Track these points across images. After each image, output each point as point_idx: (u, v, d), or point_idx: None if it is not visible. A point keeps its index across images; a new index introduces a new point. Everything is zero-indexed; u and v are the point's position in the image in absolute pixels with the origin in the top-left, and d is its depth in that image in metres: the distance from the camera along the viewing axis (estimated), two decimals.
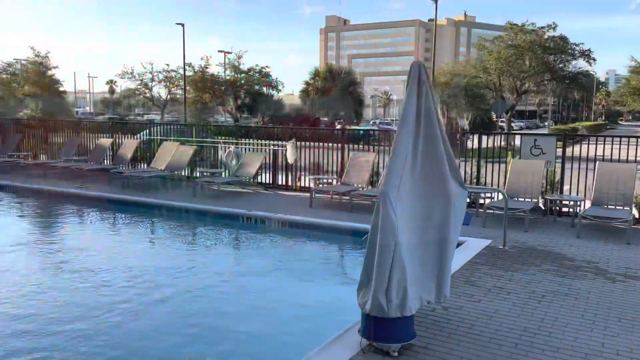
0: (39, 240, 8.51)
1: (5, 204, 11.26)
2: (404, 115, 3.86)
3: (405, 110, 3.87)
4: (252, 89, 37.91)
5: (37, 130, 17.10)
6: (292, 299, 5.93)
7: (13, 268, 6.79)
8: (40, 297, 5.75)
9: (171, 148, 13.13)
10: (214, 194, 11.20)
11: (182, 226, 9.47)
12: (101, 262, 7.05)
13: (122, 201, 10.65)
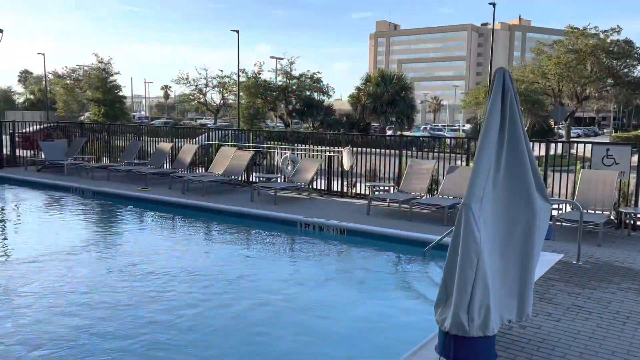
0: (103, 242, 8.76)
1: (72, 205, 11.69)
2: (488, 124, 3.69)
3: (489, 118, 3.70)
4: (304, 94, 38.14)
5: (100, 134, 17.78)
6: (354, 311, 5.80)
7: (79, 270, 7.00)
8: (104, 300, 5.88)
9: (229, 153, 13.31)
10: (271, 199, 11.25)
11: (241, 231, 9.52)
12: (162, 266, 7.16)
13: (182, 205, 10.85)
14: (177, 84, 47.05)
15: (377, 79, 34.00)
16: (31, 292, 5.98)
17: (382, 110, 33.18)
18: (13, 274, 6.69)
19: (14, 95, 69.57)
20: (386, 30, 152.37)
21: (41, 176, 14.47)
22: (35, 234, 9.12)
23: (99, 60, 35.92)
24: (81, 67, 49.26)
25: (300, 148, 13.12)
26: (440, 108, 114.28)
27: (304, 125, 39.63)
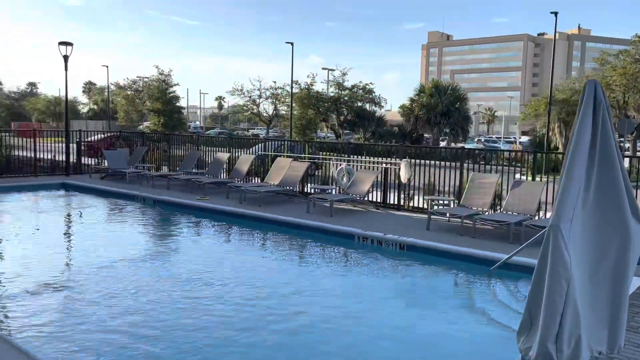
0: (164, 251, 8.92)
1: (135, 213, 12.02)
2: (577, 140, 3.45)
3: (579, 134, 3.45)
4: (355, 105, 38.10)
5: (159, 143, 18.31)
6: (420, 333, 5.59)
7: (141, 277, 7.12)
8: (163, 309, 5.93)
9: (285, 164, 13.36)
10: (326, 211, 11.17)
11: (298, 243, 9.47)
12: (221, 277, 7.20)
13: (240, 214, 10.93)
14: (232, 95, 48.00)
15: (431, 89, 33.52)
16: (96, 298, 6.12)
17: (435, 121, 32.65)
18: (80, 278, 6.87)
19: (78, 105, 73.20)
20: (438, 41, 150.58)
21: (105, 184, 15.00)
22: (100, 241, 9.39)
23: (159, 72, 37.27)
24: (141, 79, 51.25)
25: (356, 159, 13.01)
26: (494, 119, 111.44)
27: (355, 136, 39.55)
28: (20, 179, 15.58)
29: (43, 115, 65.88)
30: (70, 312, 5.70)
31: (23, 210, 12.20)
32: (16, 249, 8.61)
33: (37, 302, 5.95)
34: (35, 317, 5.50)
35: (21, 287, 6.42)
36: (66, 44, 16.99)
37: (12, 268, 7.32)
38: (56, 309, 5.79)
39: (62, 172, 17.20)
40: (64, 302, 5.99)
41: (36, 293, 6.22)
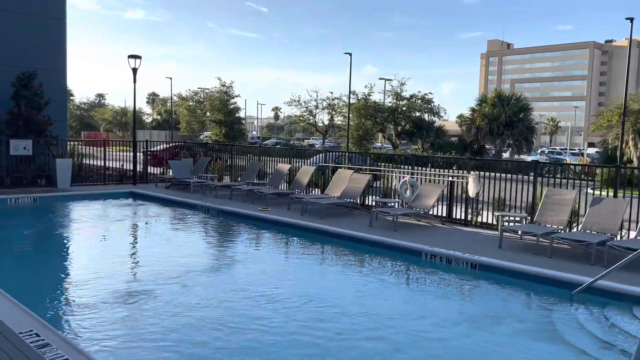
0: (227, 261, 8.93)
1: (199, 222, 12.20)
2: None
3: None
4: (413, 115, 37.55)
5: (222, 153, 18.64)
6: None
7: (204, 287, 7.11)
8: (223, 320, 5.86)
9: (346, 175, 13.22)
10: (389, 224, 10.91)
11: (363, 258, 9.24)
12: (285, 291, 7.09)
13: (301, 227, 10.84)
14: (289, 106, 48.58)
15: (494, 99, 32.52)
16: (161, 309, 6.14)
17: (498, 132, 31.60)
18: (148, 288, 6.95)
19: (143, 116, 76.37)
20: (498, 50, 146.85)
21: (170, 193, 15.38)
22: (168, 251, 9.54)
23: (221, 84, 38.19)
24: (202, 90, 52.80)
25: (420, 172, 12.67)
26: (557, 130, 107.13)
27: (413, 147, 38.95)
28: (91, 187, 16.23)
29: (110, 125, 69.17)
30: (136, 323, 5.73)
31: (95, 218, 12.66)
32: (88, 257, 8.88)
33: (106, 311, 6.04)
34: (102, 326, 5.57)
35: (92, 294, 6.56)
36: (135, 57, 17.64)
37: (84, 275, 7.51)
38: (122, 319, 5.84)
39: (129, 180, 17.80)
40: (130, 312, 6.04)
41: (106, 302, 6.33)
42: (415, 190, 11.89)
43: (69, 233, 10.96)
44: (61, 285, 7.23)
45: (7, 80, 16.64)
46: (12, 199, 13.43)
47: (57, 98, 17.92)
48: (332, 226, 10.57)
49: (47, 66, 17.88)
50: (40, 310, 5.76)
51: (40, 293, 6.69)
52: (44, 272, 7.90)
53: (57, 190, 15.05)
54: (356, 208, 12.85)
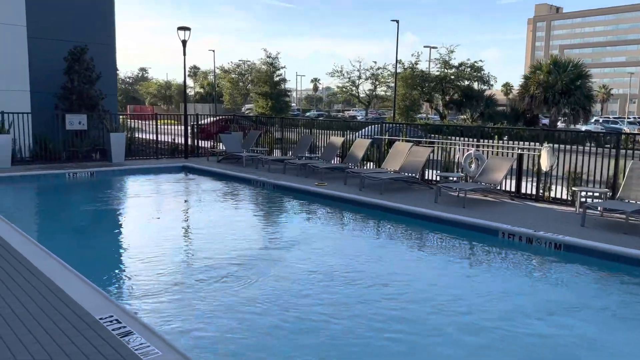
0: (294, 241, 8.62)
1: (256, 197, 11.98)
2: None
3: None
4: (462, 84, 36.21)
5: (271, 126, 18.33)
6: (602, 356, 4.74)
7: (280, 269, 6.83)
8: (305, 306, 5.55)
9: (404, 148, 12.67)
10: (454, 200, 10.39)
11: (434, 237, 8.74)
12: (362, 273, 6.71)
13: (362, 203, 10.42)
14: (332, 77, 47.76)
15: (549, 66, 30.87)
16: (233, 289, 5.89)
17: (554, 101, 30.08)
18: (219, 266, 6.72)
19: (187, 89, 76.78)
20: (547, 14, 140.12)
21: (223, 167, 15.21)
22: (232, 228, 9.33)
23: (267, 55, 37.69)
24: (244, 62, 52.55)
25: (487, 144, 11.98)
26: (609, 98, 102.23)
27: (461, 117, 37.73)
28: (144, 161, 16.26)
29: (155, 99, 70.06)
30: (211, 306, 5.49)
31: (154, 193, 12.65)
32: (153, 234, 8.76)
33: (185, 293, 5.84)
34: (183, 310, 5.36)
35: (168, 275, 6.38)
36: (184, 28, 17.36)
37: (154, 255, 7.36)
38: (202, 301, 5.62)
39: (181, 154, 17.76)
40: (206, 294, 5.81)
41: (183, 283, 6.13)
42: (481, 163, 11.25)
43: (131, 209, 10.90)
44: (131, 265, 7.08)
45: (60, 55, 16.71)
46: (70, 174, 13.54)
47: (107, 72, 17.94)
48: (394, 202, 10.11)
49: (96, 40, 17.85)
50: (113, 292, 5.60)
51: (110, 272, 6.56)
52: (110, 250, 7.82)
53: (112, 165, 15.13)
54: (416, 183, 12.32)
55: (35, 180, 13.11)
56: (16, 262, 5.83)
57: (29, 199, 11.96)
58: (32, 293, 4.93)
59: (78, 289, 5.08)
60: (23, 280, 5.25)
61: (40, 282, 5.19)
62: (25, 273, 5.46)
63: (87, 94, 16.82)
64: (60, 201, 11.53)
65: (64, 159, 15.33)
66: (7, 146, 13.95)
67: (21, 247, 6.40)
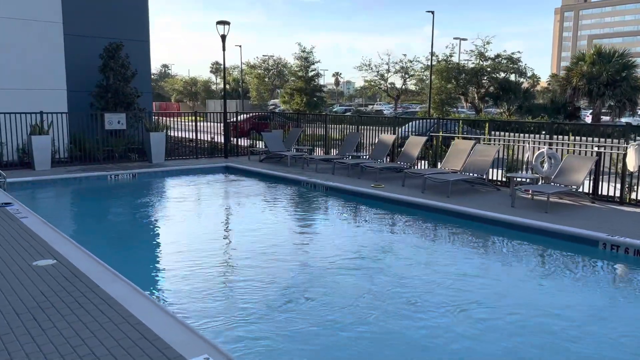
0: (366, 252, 7.87)
1: (312, 201, 11.25)
2: None
3: None
4: (498, 77, 34.96)
5: (314, 123, 17.60)
6: None
7: (357, 283, 6.09)
8: (364, 322, 4.81)
9: (465, 147, 11.82)
10: (530, 204, 9.54)
11: (520, 246, 7.91)
12: (451, 294, 5.94)
13: (431, 207, 9.62)
14: (359, 70, 46.80)
15: (593, 56, 29.48)
16: (294, 300, 5.17)
17: (598, 92, 28.71)
18: (298, 281, 6.03)
19: (212, 85, 76.47)
20: (575, 3, 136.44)
21: (266, 167, 14.53)
22: (293, 234, 8.64)
23: (301, 50, 36.36)
24: (270, 57, 51.88)
25: (561, 141, 11.07)
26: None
27: (497, 111, 36.52)
28: (183, 162, 15.68)
29: (180, 95, 69.86)
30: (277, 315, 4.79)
31: (204, 196, 11.97)
32: (234, 246, 8.10)
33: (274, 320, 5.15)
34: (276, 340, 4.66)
35: (248, 296, 5.71)
36: (223, 22, 16.71)
37: (243, 276, 6.70)
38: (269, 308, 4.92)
39: (220, 154, 17.16)
40: (304, 317, 5.12)
41: (270, 307, 5.45)
42: (555, 163, 10.35)
43: (191, 217, 9.97)
44: (212, 287, 6.25)
45: (95, 52, 16.23)
46: (111, 176, 13.02)
47: (142, 69, 17.44)
48: (464, 206, 9.29)
49: (131, 36, 17.33)
50: (197, 324, 4.94)
51: (187, 297, 5.87)
52: (181, 268, 6.99)
53: (153, 165, 14.58)
54: (482, 184, 11.47)
55: (78, 183, 12.60)
56: (82, 284, 5.20)
57: (77, 206, 11.26)
58: (109, 326, 4.28)
59: (159, 320, 4.41)
60: (94, 309, 4.60)
61: (114, 312, 4.54)
62: (96, 300, 4.82)
63: (122, 91, 16.33)
64: (109, 208, 10.82)
65: (101, 160, 14.83)
66: (48, 147, 13.49)
67: (83, 265, 5.78)
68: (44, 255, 6.11)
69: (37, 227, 7.36)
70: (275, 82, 50.82)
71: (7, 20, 14.71)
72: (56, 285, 5.17)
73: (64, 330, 4.18)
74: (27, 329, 4.20)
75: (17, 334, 4.12)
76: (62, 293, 4.97)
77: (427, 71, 38.31)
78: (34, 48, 15.21)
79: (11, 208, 8.63)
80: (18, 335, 4.09)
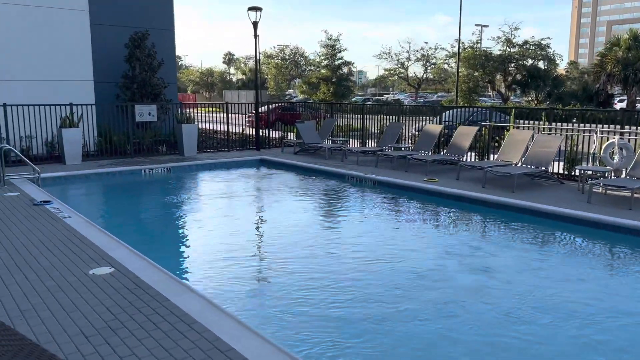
0: (423, 255, 7.19)
1: (360, 196, 10.54)
2: None
3: None
4: (526, 64, 33.86)
5: (348, 114, 16.87)
6: None
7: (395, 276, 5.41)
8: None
9: (524, 137, 11.05)
10: (610, 200, 8.79)
11: (607, 248, 7.21)
12: (511, 297, 5.24)
13: (498, 204, 8.87)
14: (379, 59, 45.80)
15: (629, 41, 28.36)
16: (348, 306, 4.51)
17: (635, 79, 27.62)
18: (363, 285, 5.36)
19: (229, 76, 75.60)
20: None
21: (304, 160, 13.83)
22: (350, 232, 7.96)
23: (327, 37, 35.08)
24: (286, 47, 51.03)
25: (632, 131, 10.24)
26: None
27: (524, 99, 35.48)
28: (216, 154, 15.04)
29: (197, 86, 69.21)
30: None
31: (247, 192, 11.11)
32: (273, 246, 7.46)
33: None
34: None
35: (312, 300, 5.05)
36: (255, 9, 15.99)
37: (321, 284, 6.05)
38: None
39: (251, 146, 16.51)
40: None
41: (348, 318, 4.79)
42: (628, 154, 9.55)
43: (235, 212, 9.30)
44: (291, 297, 5.76)
45: (120, 41, 15.61)
46: (146, 170, 12.42)
47: (168, 59, 16.79)
48: (537, 202, 8.54)
49: (156, 25, 16.67)
50: (286, 342, 4.28)
51: (264, 313, 5.25)
52: (248, 273, 6.39)
53: (186, 159, 13.96)
54: (545, 177, 10.69)
55: (112, 178, 11.99)
56: (149, 298, 4.57)
57: (117, 203, 10.31)
58: (195, 353, 3.63)
59: (247, 342, 3.76)
60: (172, 330, 3.96)
61: (197, 335, 3.89)
62: (171, 318, 4.18)
63: (149, 82, 15.71)
64: (151, 205, 10.14)
65: (130, 153, 14.23)
66: (78, 141, 12.91)
67: (145, 274, 5.15)
68: (99, 263, 5.50)
69: (84, 229, 6.76)
70: (292, 72, 50.00)
71: (33, 9, 14.10)
72: (121, 299, 4.55)
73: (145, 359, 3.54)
74: (101, 356, 3.57)
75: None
76: (131, 309, 4.34)
77: (451, 58, 37.26)
78: (60, 37, 14.60)
79: (51, 206, 8.05)
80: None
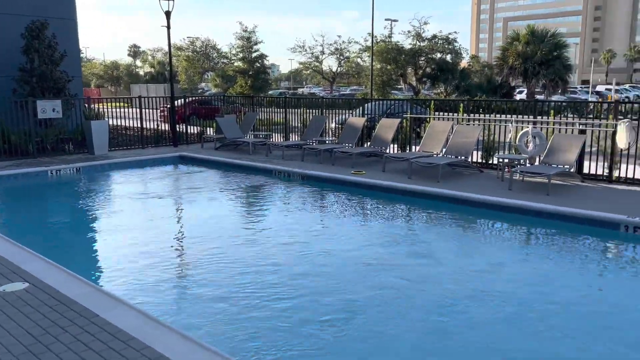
0: (364, 251, 7.15)
1: (290, 192, 10.30)
2: None
3: None
4: (437, 57, 35.26)
5: (268, 107, 16.54)
6: None
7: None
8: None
9: (444, 128, 11.37)
10: (525, 186, 9.23)
11: (532, 233, 7.51)
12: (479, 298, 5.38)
13: (425, 194, 9.02)
14: (293, 52, 45.65)
15: (527, 36, 30.36)
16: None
17: (534, 71, 29.64)
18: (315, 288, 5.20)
19: (136, 69, 71.86)
20: None
21: (227, 156, 13.34)
22: (286, 233, 7.72)
23: (242, 29, 34.28)
24: (197, 39, 49.44)
25: (544, 120, 10.84)
26: None
27: (434, 92, 36.97)
28: (130, 152, 14.13)
29: (101, 80, 65.20)
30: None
31: (168, 193, 10.27)
32: (200, 250, 7.04)
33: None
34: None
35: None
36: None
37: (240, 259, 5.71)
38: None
39: (167, 142, 15.70)
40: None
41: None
42: (541, 142, 10.10)
43: (151, 214, 8.66)
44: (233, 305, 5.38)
45: (14, 31, 14.17)
46: (52, 171, 11.37)
47: (70, 51, 15.48)
48: (461, 191, 8.78)
49: (55, 14, 15.34)
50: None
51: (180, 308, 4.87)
52: (176, 279, 5.99)
53: (96, 158, 12.98)
54: (466, 166, 11.06)
55: (14, 181, 10.82)
56: (75, 314, 4.07)
57: (23, 211, 9.12)
58: None
59: (195, 356, 3.42)
60: (105, 349, 3.52)
61: (133, 351, 3.49)
62: (103, 335, 3.72)
63: (50, 76, 14.42)
64: (60, 210, 9.20)
65: (33, 153, 12.99)
66: None
67: (66, 287, 4.60)
68: (9, 278, 4.86)
69: None
70: (204, 65, 48.57)
71: None
72: (42, 318, 4.01)
73: None
74: None
75: None
76: (54, 329, 3.83)
77: (365, 52, 37.94)
78: None
79: None
80: None
